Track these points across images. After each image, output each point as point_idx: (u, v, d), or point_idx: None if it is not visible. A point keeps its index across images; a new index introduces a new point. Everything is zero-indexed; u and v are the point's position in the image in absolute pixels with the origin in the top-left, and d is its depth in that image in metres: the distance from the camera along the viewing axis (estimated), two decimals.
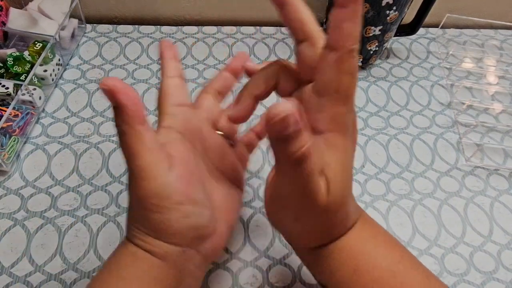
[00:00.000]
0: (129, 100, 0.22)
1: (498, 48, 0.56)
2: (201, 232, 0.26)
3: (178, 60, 0.29)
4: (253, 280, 0.33)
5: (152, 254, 0.24)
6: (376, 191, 0.40)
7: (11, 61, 0.41)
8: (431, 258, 0.36)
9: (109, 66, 0.48)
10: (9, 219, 0.35)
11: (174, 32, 0.52)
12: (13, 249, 0.33)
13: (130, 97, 0.22)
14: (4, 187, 0.37)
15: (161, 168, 0.24)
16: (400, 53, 0.53)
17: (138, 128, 0.23)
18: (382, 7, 0.41)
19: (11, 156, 0.38)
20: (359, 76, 0.50)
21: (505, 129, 0.46)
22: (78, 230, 0.35)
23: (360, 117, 0.46)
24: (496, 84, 0.51)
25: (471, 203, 0.40)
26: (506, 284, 0.35)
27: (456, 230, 0.38)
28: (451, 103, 0.48)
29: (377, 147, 0.43)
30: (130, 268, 0.24)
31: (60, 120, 0.42)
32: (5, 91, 0.39)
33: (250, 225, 0.36)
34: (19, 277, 0.32)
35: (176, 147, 0.26)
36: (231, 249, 0.35)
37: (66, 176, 0.38)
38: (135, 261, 0.24)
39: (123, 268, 0.24)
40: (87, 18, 0.52)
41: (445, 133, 0.45)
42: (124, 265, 0.24)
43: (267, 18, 0.56)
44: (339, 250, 0.25)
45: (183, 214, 0.24)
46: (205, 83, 0.32)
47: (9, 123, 0.38)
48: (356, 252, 0.25)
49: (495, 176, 0.42)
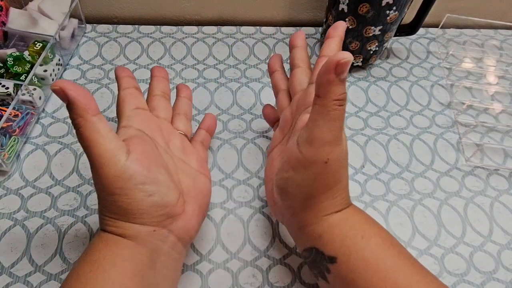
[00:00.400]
0: (79, 95, 0.24)
1: (498, 48, 0.56)
2: (168, 211, 0.27)
3: (133, 77, 0.34)
4: (253, 280, 0.33)
5: (123, 236, 0.25)
6: (376, 191, 0.40)
7: (11, 61, 0.41)
8: (431, 258, 0.36)
9: (109, 66, 0.48)
10: (9, 219, 0.35)
11: (174, 32, 0.52)
12: (13, 249, 0.33)
13: (80, 92, 0.24)
14: (4, 187, 0.37)
15: (120, 154, 0.25)
16: (400, 53, 0.53)
17: (92, 119, 0.25)
18: (382, 7, 0.41)
19: (11, 156, 0.38)
20: (359, 76, 0.50)
21: (505, 129, 0.46)
22: (78, 230, 0.35)
23: (360, 117, 0.46)
24: (496, 84, 0.51)
25: (471, 203, 0.40)
26: (506, 284, 0.35)
27: (456, 230, 0.38)
28: (451, 103, 0.48)
29: (377, 147, 0.43)
30: (101, 251, 0.25)
31: (60, 120, 0.42)
32: (5, 91, 0.39)
33: (250, 225, 0.36)
34: (19, 277, 0.32)
35: (134, 140, 0.28)
36: (231, 249, 0.35)
37: (66, 176, 0.38)
38: (106, 245, 0.25)
39: (94, 253, 0.25)
40: (87, 18, 0.52)
41: (445, 133, 0.45)
42: (95, 250, 0.25)
43: (267, 18, 0.56)
44: (345, 218, 0.27)
45: (146, 193, 0.26)
46: (149, 87, 0.36)
47: (9, 123, 0.38)
48: (359, 221, 0.28)
49: (495, 176, 0.42)
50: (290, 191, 0.28)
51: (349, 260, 0.25)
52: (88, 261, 0.25)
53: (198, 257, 0.34)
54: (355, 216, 0.28)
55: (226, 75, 0.48)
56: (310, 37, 0.54)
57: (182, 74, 0.48)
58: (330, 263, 0.26)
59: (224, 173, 0.40)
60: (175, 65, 0.49)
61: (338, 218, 0.27)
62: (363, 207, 0.39)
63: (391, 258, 0.25)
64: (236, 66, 0.49)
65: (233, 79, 0.48)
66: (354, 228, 0.27)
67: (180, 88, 0.38)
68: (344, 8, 0.43)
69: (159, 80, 0.36)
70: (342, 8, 0.43)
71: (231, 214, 0.37)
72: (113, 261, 0.24)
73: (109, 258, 0.24)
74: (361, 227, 0.27)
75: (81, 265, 0.25)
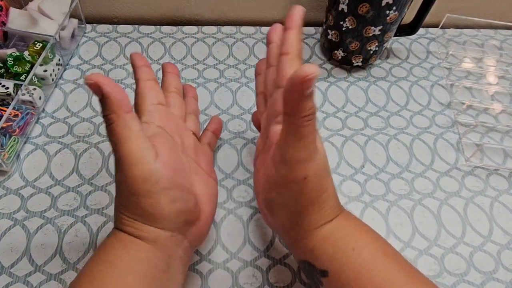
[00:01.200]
0: (114, 90, 0.23)
1: (498, 48, 0.56)
2: (188, 216, 0.27)
3: (150, 67, 0.32)
4: (253, 280, 0.33)
5: (141, 239, 0.25)
6: (376, 191, 0.40)
7: (11, 61, 0.41)
8: (431, 258, 0.36)
9: (109, 66, 0.48)
10: (9, 219, 0.35)
11: (174, 32, 0.52)
12: (13, 249, 0.33)
13: (115, 88, 0.23)
14: (4, 187, 0.37)
15: (149, 155, 0.25)
16: (400, 53, 0.53)
17: (125, 116, 0.24)
18: (382, 7, 0.41)
19: (11, 156, 0.38)
20: (359, 76, 0.50)
21: (505, 129, 0.46)
22: (78, 230, 0.35)
23: (360, 117, 0.46)
24: (496, 84, 0.51)
25: (471, 203, 0.40)
26: (506, 284, 0.35)
27: (456, 230, 0.38)
28: (451, 103, 0.48)
29: (377, 147, 0.43)
30: (117, 252, 0.24)
31: (60, 120, 0.42)
32: (5, 91, 0.39)
33: (250, 225, 0.36)
34: (19, 277, 0.32)
35: (158, 139, 0.27)
36: (231, 249, 0.35)
37: (66, 176, 0.38)
38: (123, 246, 0.25)
39: (110, 253, 0.24)
40: (87, 18, 0.52)
41: (445, 133, 0.45)
42: (111, 250, 0.25)
43: (267, 18, 0.56)
44: (336, 229, 0.26)
45: (171, 199, 0.25)
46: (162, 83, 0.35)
47: (9, 123, 0.38)
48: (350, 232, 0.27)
49: (495, 176, 0.42)
50: (275, 211, 0.28)
51: (341, 273, 0.25)
52: (103, 261, 0.24)
53: (198, 257, 0.34)
54: (346, 226, 0.27)
55: (226, 75, 0.48)
56: (310, 37, 0.54)
57: (182, 74, 0.48)
58: (322, 276, 0.26)
59: (224, 173, 0.40)
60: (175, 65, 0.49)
61: (329, 230, 0.26)
62: (363, 207, 0.39)
63: (384, 269, 0.25)
64: (236, 66, 0.49)
65: (233, 79, 0.48)
66: (345, 240, 0.26)
67: (188, 89, 0.38)
68: (344, 8, 0.43)
69: (172, 76, 0.35)
70: (342, 8, 0.43)
71: (231, 214, 0.37)
72: (130, 265, 0.24)
73: (126, 260, 0.24)
74: (352, 238, 0.26)
75: (97, 265, 0.24)
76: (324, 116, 0.45)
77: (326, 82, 0.49)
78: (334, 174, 0.41)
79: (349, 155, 0.42)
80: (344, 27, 0.45)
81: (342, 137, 0.44)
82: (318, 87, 0.48)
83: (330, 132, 0.44)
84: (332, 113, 0.46)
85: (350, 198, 0.39)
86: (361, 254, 0.25)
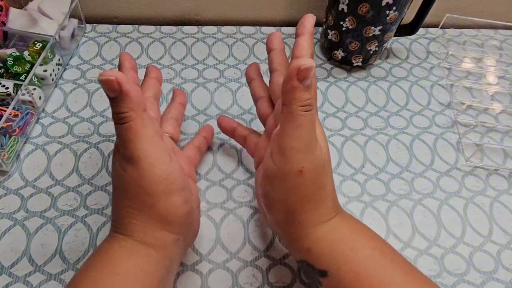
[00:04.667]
0: (133, 88, 0.23)
1: (498, 48, 0.56)
2: (191, 217, 0.27)
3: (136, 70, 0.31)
4: (252, 280, 0.33)
5: (150, 246, 0.25)
6: (376, 191, 0.40)
7: (11, 61, 0.41)
8: (431, 258, 0.36)
9: (109, 66, 0.48)
10: (9, 219, 0.35)
11: (174, 32, 0.52)
12: (13, 249, 0.33)
13: (133, 86, 0.23)
14: (4, 187, 0.37)
15: (166, 155, 0.25)
16: (400, 53, 0.53)
17: (143, 114, 0.24)
18: (382, 7, 0.41)
19: (11, 156, 0.38)
20: (359, 76, 0.50)
21: (504, 129, 0.46)
22: (78, 230, 0.35)
23: (360, 117, 0.46)
24: (496, 84, 0.51)
25: (470, 203, 0.40)
26: (506, 284, 0.35)
27: (455, 230, 0.38)
28: (450, 103, 0.48)
29: (377, 147, 0.43)
30: (124, 262, 0.24)
31: (60, 120, 0.42)
32: (5, 91, 0.39)
33: (250, 225, 0.36)
34: (19, 277, 0.32)
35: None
36: (231, 249, 0.35)
37: (66, 176, 0.38)
38: (130, 255, 0.24)
39: (117, 264, 0.24)
40: (87, 18, 0.52)
41: (444, 133, 0.45)
42: (118, 261, 0.24)
43: (267, 18, 0.56)
44: (334, 230, 0.26)
45: (184, 200, 0.26)
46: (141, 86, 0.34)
47: (9, 123, 0.38)
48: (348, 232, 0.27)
49: (494, 176, 0.42)
50: (271, 206, 0.28)
51: (340, 274, 0.25)
52: (110, 273, 0.23)
53: (198, 257, 0.34)
54: (343, 227, 0.27)
55: (226, 75, 0.48)
56: None
57: (182, 74, 0.48)
58: (321, 276, 0.26)
59: (224, 173, 0.40)
60: (175, 65, 0.49)
61: (326, 230, 0.26)
62: (363, 207, 0.39)
63: (382, 269, 0.25)
64: (236, 66, 0.49)
65: (233, 79, 0.48)
66: (343, 240, 0.26)
67: (176, 93, 0.38)
68: (344, 8, 0.43)
69: (153, 82, 0.34)
70: (342, 8, 0.43)
71: (231, 214, 0.37)
72: (139, 277, 0.24)
73: (134, 272, 0.24)
74: (350, 238, 0.26)
75: (103, 277, 0.23)
76: (324, 116, 0.45)
77: (326, 82, 0.49)
78: (334, 174, 0.41)
79: (349, 155, 0.42)
80: (344, 27, 0.45)
81: (342, 137, 0.44)
82: (318, 87, 0.48)
83: (330, 132, 0.44)
84: (332, 113, 0.46)
85: (350, 198, 0.39)
86: (360, 254, 0.25)
